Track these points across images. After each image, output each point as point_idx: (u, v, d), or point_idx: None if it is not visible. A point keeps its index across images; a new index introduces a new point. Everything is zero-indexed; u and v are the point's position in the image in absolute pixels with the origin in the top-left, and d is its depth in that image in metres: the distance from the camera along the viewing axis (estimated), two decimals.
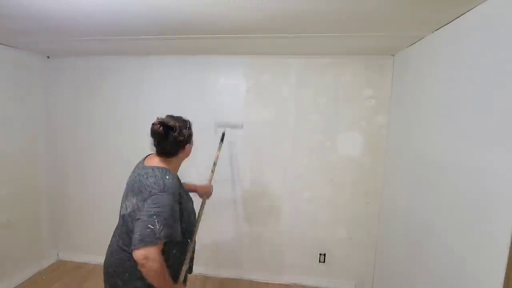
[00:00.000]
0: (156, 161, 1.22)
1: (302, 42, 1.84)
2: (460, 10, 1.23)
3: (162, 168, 1.17)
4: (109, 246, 1.26)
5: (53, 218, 2.64)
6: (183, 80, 2.36)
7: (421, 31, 1.55)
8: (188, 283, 1.41)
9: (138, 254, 1.02)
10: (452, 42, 1.35)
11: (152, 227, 1.02)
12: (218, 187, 2.42)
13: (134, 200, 1.12)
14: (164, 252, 1.11)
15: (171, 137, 1.16)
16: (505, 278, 0.95)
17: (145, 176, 1.14)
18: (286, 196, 2.35)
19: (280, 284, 2.43)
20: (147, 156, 1.31)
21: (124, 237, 1.16)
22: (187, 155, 1.29)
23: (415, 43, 1.74)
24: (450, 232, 1.28)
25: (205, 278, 2.47)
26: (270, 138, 2.32)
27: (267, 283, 2.42)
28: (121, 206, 1.23)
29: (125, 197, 1.20)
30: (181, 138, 1.19)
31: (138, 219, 1.06)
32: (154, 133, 1.16)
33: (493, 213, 1.02)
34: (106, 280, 1.24)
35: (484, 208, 1.07)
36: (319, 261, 2.38)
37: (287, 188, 2.34)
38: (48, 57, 2.49)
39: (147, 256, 1.02)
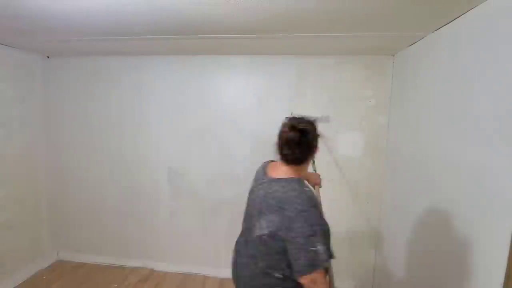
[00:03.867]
0: (284, 171, 1.08)
1: (302, 42, 1.84)
2: (460, 10, 1.23)
3: (295, 179, 1.04)
4: (243, 266, 1.13)
5: (53, 218, 2.64)
6: (183, 80, 2.36)
7: (421, 31, 1.55)
8: None
9: (306, 279, 0.94)
10: (452, 42, 1.35)
11: (314, 249, 0.91)
12: (217, 187, 2.42)
13: (274, 218, 0.98)
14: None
15: (305, 142, 1.03)
16: (505, 278, 0.95)
17: (281, 191, 1.00)
18: None
19: None
20: (267, 165, 1.17)
21: (267, 259, 1.03)
22: (313, 158, 1.14)
23: (415, 43, 1.74)
24: (449, 232, 1.28)
25: (205, 278, 2.47)
26: (270, 137, 2.31)
27: None
28: (252, 225, 1.07)
29: (258, 215, 1.05)
30: (315, 142, 1.06)
31: (292, 242, 0.94)
32: (288, 140, 1.03)
33: (493, 213, 1.02)
34: None
35: (484, 208, 1.07)
36: None
37: None
38: (48, 57, 2.49)
39: (315, 281, 0.93)
